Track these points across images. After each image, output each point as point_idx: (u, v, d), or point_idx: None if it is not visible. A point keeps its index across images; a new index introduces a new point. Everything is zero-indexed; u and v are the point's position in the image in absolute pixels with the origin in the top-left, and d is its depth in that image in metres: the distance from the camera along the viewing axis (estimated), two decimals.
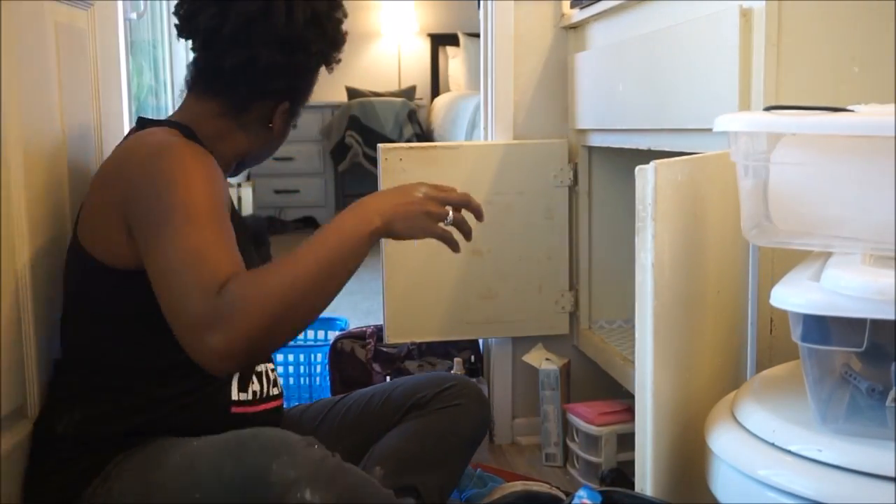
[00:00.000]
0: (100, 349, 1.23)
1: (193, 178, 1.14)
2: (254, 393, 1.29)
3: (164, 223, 1.09)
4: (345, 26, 1.37)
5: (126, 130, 1.87)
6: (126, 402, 1.21)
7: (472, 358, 2.15)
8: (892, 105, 0.94)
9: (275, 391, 1.33)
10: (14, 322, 1.25)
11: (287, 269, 1.05)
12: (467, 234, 1.22)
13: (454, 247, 1.22)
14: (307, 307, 1.06)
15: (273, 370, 1.36)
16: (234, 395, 1.27)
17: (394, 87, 6.00)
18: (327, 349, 2.20)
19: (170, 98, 4.52)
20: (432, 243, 1.19)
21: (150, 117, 1.34)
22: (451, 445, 1.37)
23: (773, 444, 0.89)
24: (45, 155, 1.35)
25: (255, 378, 1.30)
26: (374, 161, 4.72)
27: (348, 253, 1.09)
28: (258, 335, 1.01)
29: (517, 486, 1.59)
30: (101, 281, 1.21)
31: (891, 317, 0.79)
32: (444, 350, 2.13)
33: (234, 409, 1.26)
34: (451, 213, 1.18)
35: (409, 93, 5.84)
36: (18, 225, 1.26)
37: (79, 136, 1.49)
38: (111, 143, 1.62)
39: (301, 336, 2.57)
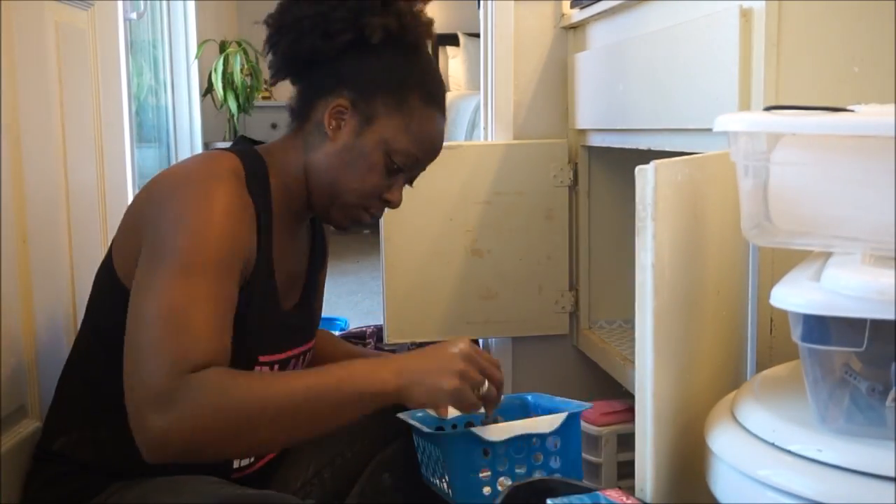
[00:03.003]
0: (108, 375, 1.14)
1: (209, 225, 1.03)
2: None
3: (159, 265, 1.00)
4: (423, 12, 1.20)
5: (126, 131, 1.88)
6: (123, 437, 1.10)
7: None
8: (892, 105, 0.94)
9: None
10: (13, 321, 1.25)
11: (267, 389, 0.96)
12: (490, 408, 1.12)
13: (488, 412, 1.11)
14: (268, 435, 0.97)
15: None
16: (236, 463, 1.20)
17: None
18: None
19: (170, 98, 4.53)
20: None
21: (253, 139, 1.24)
22: None
23: (773, 444, 0.89)
24: (43, 155, 1.35)
25: None
26: None
27: (342, 402, 0.98)
28: (202, 440, 0.94)
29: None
30: (122, 304, 1.11)
31: (891, 317, 0.79)
32: None
33: (234, 476, 1.20)
34: (486, 383, 1.08)
35: None
36: (17, 224, 1.26)
37: (78, 136, 1.49)
38: (110, 142, 1.62)
39: None
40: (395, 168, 1.17)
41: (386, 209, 1.22)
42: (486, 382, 1.07)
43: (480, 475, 1.13)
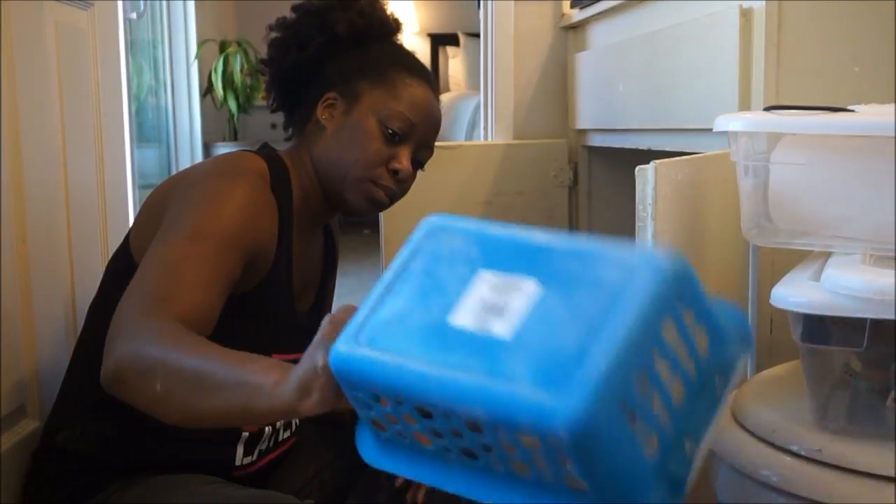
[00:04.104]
0: None
1: (224, 204, 1.06)
2: (260, 452, 1.22)
3: (169, 233, 1.03)
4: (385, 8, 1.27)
5: (126, 131, 1.88)
6: (128, 430, 1.12)
7: None
8: (892, 105, 0.94)
9: (286, 434, 1.26)
10: (13, 322, 1.25)
11: (183, 359, 0.86)
12: None
13: None
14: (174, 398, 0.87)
15: None
16: (238, 460, 1.19)
17: None
18: None
19: (170, 98, 4.53)
20: None
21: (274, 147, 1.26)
22: None
23: (773, 444, 0.89)
24: (43, 155, 1.35)
25: (266, 438, 1.22)
26: None
27: (232, 402, 0.82)
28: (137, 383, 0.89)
29: None
30: None
31: (891, 317, 0.79)
32: None
33: (235, 474, 1.19)
34: None
35: None
36: (16, 224, 1.26)
37: (78, 136, 1.49)
38: (110, 142, 1.62)
39: None
40: (392, 134, 1.19)
41: (399, 188, 1.21)
42: None
43: None
